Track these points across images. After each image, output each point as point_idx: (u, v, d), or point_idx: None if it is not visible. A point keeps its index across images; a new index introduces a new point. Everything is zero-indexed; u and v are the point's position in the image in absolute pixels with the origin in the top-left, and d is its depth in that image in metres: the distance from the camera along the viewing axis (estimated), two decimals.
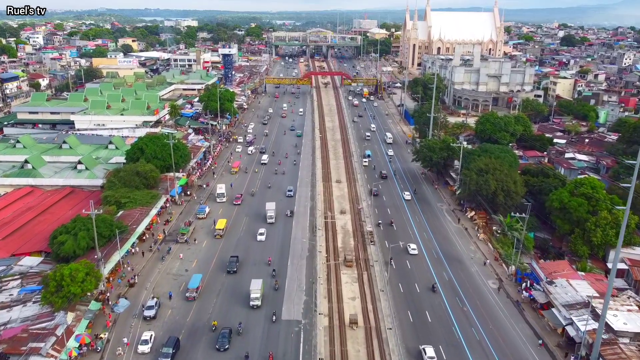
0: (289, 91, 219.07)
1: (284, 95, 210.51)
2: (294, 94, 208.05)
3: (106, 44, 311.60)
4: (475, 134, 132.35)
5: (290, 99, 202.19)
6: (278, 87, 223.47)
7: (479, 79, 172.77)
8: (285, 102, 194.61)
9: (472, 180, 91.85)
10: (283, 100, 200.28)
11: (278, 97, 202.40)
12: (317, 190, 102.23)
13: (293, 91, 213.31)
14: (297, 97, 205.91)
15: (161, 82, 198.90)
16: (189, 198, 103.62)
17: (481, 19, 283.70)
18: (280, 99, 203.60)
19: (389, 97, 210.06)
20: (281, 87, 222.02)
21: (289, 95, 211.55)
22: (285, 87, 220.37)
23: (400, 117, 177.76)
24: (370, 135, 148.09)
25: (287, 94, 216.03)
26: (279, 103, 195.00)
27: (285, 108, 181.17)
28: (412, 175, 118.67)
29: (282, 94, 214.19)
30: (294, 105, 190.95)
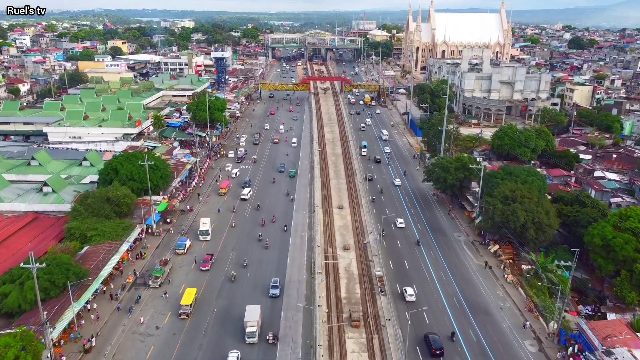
0: (285, 98, 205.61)
1: (280, 110, 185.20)
2: (292, 113, 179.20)
3: (95, 46, 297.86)
4: (492, 149, 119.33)
5: (286, 119, 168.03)
6: (272, 96, 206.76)
7: (491, 86, 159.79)
8: (281, 121, 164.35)
9: (496, 209, 78.74)
10: (280, 116, 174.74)
11: (273, 113, 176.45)
12: (317, 218, 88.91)
13: (290, 109, 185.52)
14: (295, 114, 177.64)
15: (148, 88, 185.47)
16: (169, 226, 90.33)
17: (487, 21, 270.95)
18: (276, 112, 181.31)
19: (393, 104, 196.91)
20: (277, 93, 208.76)
21: (285, 109, 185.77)
22: (281, 93, 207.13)
23: (405, 126, 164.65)
24: (380, 158, 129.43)
25: (283, 103, 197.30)
26: (276, 119, 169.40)
27: (282, 130, 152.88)
28: (422, 196, 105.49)
29: (278, 102, 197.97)
30: (291, 121, 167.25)
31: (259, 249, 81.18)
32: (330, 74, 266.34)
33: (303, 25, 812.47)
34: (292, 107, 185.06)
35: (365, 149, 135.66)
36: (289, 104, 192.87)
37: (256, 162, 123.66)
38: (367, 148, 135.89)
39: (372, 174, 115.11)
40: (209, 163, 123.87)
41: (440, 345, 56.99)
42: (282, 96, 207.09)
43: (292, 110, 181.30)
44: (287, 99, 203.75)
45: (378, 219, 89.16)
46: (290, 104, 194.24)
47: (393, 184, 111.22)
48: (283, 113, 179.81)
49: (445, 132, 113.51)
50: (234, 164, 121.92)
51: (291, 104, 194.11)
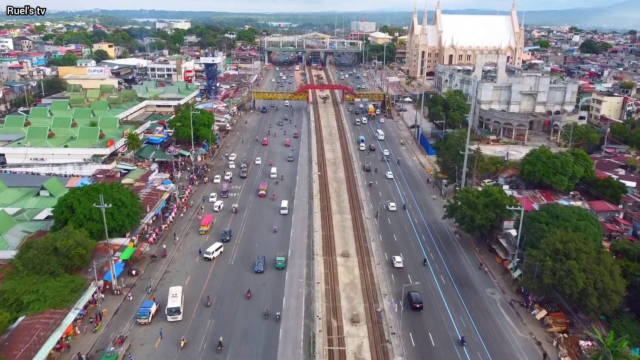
0: (282, 113, 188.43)
1: (274, 141, 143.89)
2: (288, 147, 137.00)
3: (80, 49, 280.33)
4: (521, 175, 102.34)
5: (280, 156, 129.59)
6: (265, 111, 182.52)
7: (511, 98, 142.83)
8: (278, 150, 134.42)
9: (545, 268, 61.86)
10: (273, 147, 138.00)
11: (267, 143, 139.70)
12: (316, 269, 71.79)
13: (287, 142, 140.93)
14: (292, 150, 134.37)
15: (130, 98, 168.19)
16: (135, 279, 73.20)
17: (497, 23, 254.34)
18: (270, 140, 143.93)
19: (399, 114, 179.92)
20: (273, 103, 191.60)
21: (280, 140, 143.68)
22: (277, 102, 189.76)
23: (413, 141, 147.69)
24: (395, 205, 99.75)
25: (279, 119, 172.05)
26: (269, 152, 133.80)
27: (274, 175, 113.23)
28: (441, 234, 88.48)
29: (273, 117, 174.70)
30: (286, 162, 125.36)
31: (244, 308, 64.14)
32: (330, 80, 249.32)
33: (301, 26, 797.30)
34: (288, 141, 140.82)
35: (363, 143, 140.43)
36: (285, 127, 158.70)
37: (237, 213, 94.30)
38: (365, 142, 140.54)
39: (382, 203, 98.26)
40: (191, 190, 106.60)
41: None
42: (277, 109, 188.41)
43: (289, 144, 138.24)
44: (285, 114, 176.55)
45: (392, 269, 72.29)
46: (289, 122, 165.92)
47: (408, 220, 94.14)
48: (277, 145, 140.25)
49: (467, 156, 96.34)
50: (220, 192, 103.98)
51: (289, 120, 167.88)
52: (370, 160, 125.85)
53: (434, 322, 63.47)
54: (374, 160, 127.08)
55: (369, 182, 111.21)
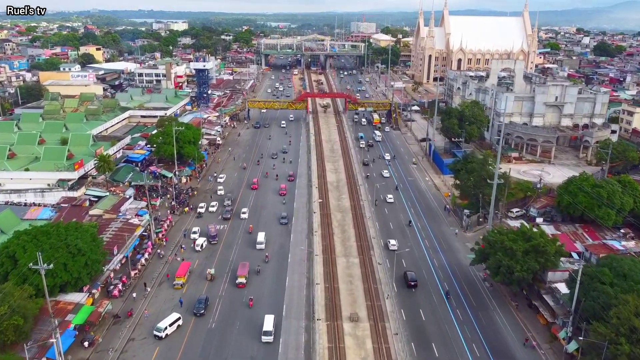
0: (278, 118, 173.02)
1: (265, 181, 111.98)
2: (282, 197, 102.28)
3: (66, 52, 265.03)
4: (557, 207, 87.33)
5: (272, 209, 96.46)
6: (259, 127, 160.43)
7: (534, 109, 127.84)
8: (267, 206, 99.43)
9: (620, 351, 46.85)
10: (264, 193, 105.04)
11: (256, 187, 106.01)
12: (318, 347, 56.55)
13: (282, 189, 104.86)
14: (285, 197, 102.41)
15: (111, 108, 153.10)
16: (90, 352, 58.11)
17: (509, 25, 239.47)
18: (260, 182, 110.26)
19: (406, 125, 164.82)
20: (270, 114, 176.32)
21: (272, 178, 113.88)
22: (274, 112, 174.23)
23: (425, 157, 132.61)
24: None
25: (275, 133, 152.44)
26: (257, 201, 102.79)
27: (261, 245, 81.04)
28: (467, 281, 73.48)
29: (267, 133, 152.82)
30: (278, 226, 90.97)
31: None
32: (331, 85, 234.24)
33: (300, 27, 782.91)
34: (284, 188, 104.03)
35: (363, 140, 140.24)
36: (279, 165, 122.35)
37: (213, 280, 71.82)
38: (364, 140, 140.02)
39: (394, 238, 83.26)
40: (171, 221, 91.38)
41: None
42: (273, 121, 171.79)
43: (284, 192, 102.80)
44: (282, 142, 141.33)
45: (412, 333, 57.24)
46: (285, 152, 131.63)
47: (427, 262, 78.98)
48: (268, 192, 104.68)
49: (496, 186, 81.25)
50: (208, 236, 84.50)
51: (285, 151, 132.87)
52: (377, 181, 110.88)
53: None
54: (381, 180, 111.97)
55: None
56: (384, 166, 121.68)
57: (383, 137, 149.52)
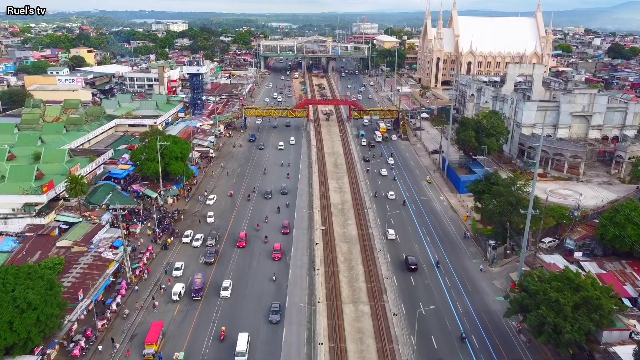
0: (278, 127, 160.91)
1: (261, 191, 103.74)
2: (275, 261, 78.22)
3: (56, 54, 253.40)
4: (599, 238, 75.23)
5: (259, 283, 71.85)
6: (254, 139, 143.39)
7: (559, 120, 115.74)
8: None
9: None
10: (257, 243, 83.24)
11: (243, 244, 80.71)
12: None
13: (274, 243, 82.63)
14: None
15: (96, 117, 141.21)
16: None
17: (521, 26, 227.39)
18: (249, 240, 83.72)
19: (415, 135, 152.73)
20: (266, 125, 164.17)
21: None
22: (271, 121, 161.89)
23: (437, 170, 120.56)
24: None
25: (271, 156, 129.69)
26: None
27: (242, 352, 55.72)
28: (498, 333, 61.44)
29: (264, 153, 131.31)
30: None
31: None
32: (333, 89, 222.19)
33: (301, 28, 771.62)
34: (277, 249, 78.12)
35: (364, 138, 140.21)
36: (276, 205, 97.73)
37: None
38: (364, 137, 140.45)
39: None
40: (151, 253, 79.36)
41: None
42: (270, 135, 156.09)
43: (279, 255, 77.04)
44: (280, 167, 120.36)
45: None
46: (285, 193, 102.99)
47: (449, 307, 66.92)
48: (260, 253, 79.18)
49: (530, 219, 69.02)
50: (190, 290, 67.74)
51: (285, 190, 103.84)
52: (387, 202, 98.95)
53: None
54: (390, 202, 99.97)
55: (388, 236, 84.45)
56: (390, 186, 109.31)
57: (389, 146, 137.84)
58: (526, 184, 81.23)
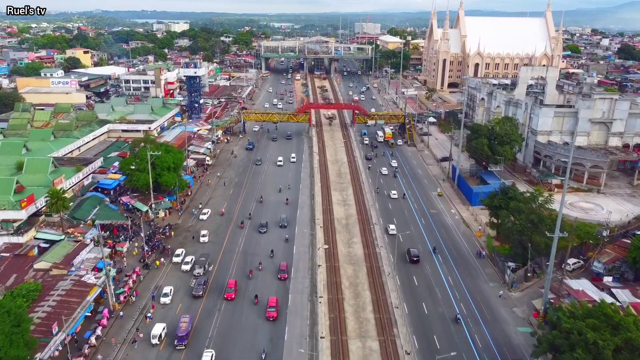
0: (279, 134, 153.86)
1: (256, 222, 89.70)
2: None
3: (52, 55, 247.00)
4: (631, 262, 68.20)
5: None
6: (252, 148, 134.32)
7: (577, 127, 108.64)
8: None
9: None
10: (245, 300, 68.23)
11: (232, 296, 66.17)
12: None
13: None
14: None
15: (88, 122, 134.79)
16: None
17: (530, 27, 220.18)
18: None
19: (422, 140, 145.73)
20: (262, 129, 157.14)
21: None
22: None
23: (447, 180, 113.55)
24: None
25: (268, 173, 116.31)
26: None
27: None
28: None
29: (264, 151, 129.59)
30: None
31: None
32: (336, 92, 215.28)
33: (303, 28, 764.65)
34: (272, 307, 63.17)
35: (367, 137, 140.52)
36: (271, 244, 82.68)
37: None
38: (367, 136, 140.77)
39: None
40: (138, 275, 72.62)
41: None
42: (268, 147, 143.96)
43: (275, 315, 62.31)
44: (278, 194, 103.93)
45: None
46: (284, 226, 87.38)
47: (464, 332, 60.06)
48: (251, 315, 63.78)
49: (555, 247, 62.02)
50: (176, 337, 57.50)
51: (285, 222, 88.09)
52: (395, 215, 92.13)
53: None
54: (400, 214, 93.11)
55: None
56: (394, 185, 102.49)
57: (395, 153, 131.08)
58: (549, 199, 74.27)
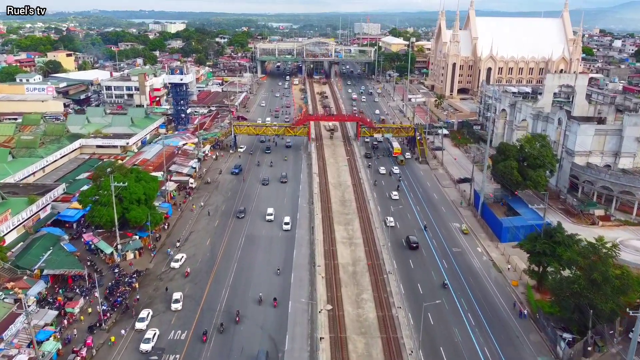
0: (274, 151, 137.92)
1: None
2: None
3: (32, 59, 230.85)
4: None
5: None
6: (239, 172, 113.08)
7: (621, 147, 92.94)
8: None
9: None
10: None
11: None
12: None
13: None
14: None
15: (57, 136, 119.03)
16: None
17: (545, 28, 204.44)
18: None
19: (434, 156, 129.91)
20: None
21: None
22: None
23: (467, 208, 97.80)
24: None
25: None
26: None
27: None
28: None
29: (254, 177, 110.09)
30: None
31: None
32: (337, 99, 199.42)
33: (302, 28, 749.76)
34: None
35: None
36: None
37: None
38: None
39: None
40: (90, 347, 56.57)
41: None
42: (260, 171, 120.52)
43: None
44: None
45: None
46: None
47: None
48: None
49: None
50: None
51: None
52: (412, 258, 76.33)
53: None
54: (418, 261, 77.34)
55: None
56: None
57: (405, 172, 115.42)
58: (614, 249, 58.54)
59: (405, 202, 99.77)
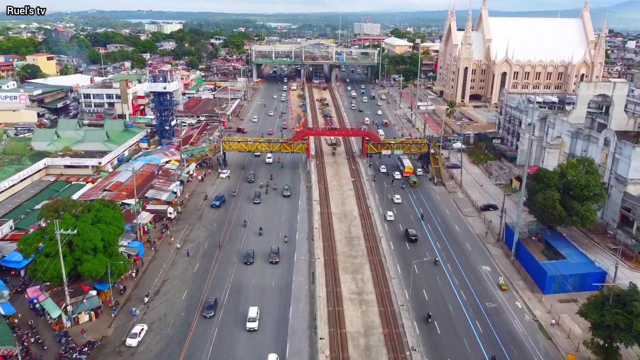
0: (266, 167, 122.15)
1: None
2: None
3: (11, 62, 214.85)
4: None
5: None
6: (222, 202, 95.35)
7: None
8: None
9: None
10: None
11: None
12: None
13: None
14: None
15: (18, 155, 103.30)
16: None
17: (564, 29, 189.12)
18: None
19: (451, 176, 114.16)
20: None
21: None
22: None
23: (497, 245, 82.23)
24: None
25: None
26: None
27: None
28: None
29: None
30: None
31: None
32: (338, 106, 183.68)
33: (301, 28, 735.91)
34: None
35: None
36: None
37: None
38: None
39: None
40: None
41: None
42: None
43: None
44: None
45: None
46: None
47: None
48: None
49: None
50: None
51: None
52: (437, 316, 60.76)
53: None
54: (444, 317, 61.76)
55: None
56: None
57: (419, 196, 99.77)
58: None
59: (422, 237, 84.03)
